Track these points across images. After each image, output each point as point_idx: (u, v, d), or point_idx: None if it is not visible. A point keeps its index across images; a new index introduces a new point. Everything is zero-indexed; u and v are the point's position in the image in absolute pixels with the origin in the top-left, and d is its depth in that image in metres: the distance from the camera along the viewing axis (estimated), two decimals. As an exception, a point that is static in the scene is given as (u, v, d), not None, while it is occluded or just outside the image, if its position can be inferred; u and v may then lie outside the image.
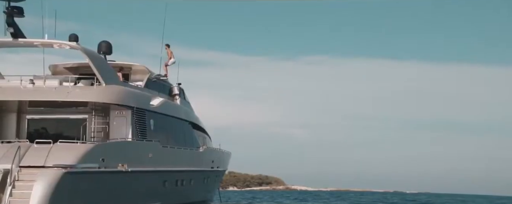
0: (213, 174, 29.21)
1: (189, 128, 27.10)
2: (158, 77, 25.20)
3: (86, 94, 19.92)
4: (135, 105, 21.25)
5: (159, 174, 22.17)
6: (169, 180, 23.15)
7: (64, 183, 16.50)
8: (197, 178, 26.40)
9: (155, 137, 22.31)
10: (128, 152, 20.16)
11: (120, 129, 20.76)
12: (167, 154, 23.05)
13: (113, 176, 19.01)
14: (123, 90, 21.12)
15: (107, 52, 22.74)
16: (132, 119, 20.95)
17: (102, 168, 18.40)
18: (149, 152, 21.56)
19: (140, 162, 20.60)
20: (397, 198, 58.67)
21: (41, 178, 16.31)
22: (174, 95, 26.89)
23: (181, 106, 26.91)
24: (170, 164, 23.05)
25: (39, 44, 20.50)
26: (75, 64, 22.85)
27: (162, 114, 23.60)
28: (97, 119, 20.66)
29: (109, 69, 21.55)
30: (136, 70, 24.40)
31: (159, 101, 23.75)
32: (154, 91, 24.30)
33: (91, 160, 17.84)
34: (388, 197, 62.37)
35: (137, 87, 23.15)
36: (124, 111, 20.86)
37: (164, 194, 22.75)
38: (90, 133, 20.55)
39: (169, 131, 24.28)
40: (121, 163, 19.31)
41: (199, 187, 26.99)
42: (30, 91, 19.71)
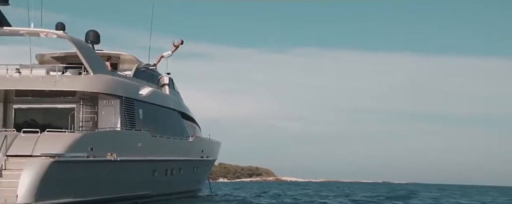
0: (203, 164, 29.20)
1: (179, 117, 27.03)
2: (146, 67, 25.05)
3: (74, 83, 19.76)
4: (124, 94, 21.14)
5: (148, 163, 22.11)
6: (158, 170, 23.12)
7: (52, 172, 16.41)
8: (187, 167, 26.38)
9: (144, 127, 22.23)
10: (117, 141, 20.07)
11: (108, 119, 20.65)
12: (156, 143, 22.99)
13: (102, 165, 18.94)
14: (111, 80, 20.98)
15: (95, 41, 22.54)
16: (120, 108, 20.85)
17: (91, 157, 18.32)
18: (138, 141, 21.49)
19: (129, 152, 20.52)
20: (383, 188, 59.30)
21: (29, 167, 16.20)
22: (163, 85, 26.77)
23: (171, 96, 26.80)
24: (159, 154, 23.00)
25: (25, 33, 20.27)
26: (62, 53, 22.63)
27: (151, 104, 23.51)
28: (85, 109, 20.52)
29: (97, 58, 21.39)
30: (124, 59, 24.23)
31: (148, 90, 23.63)
32: (143, 81, 24.18)
33: (80, 149, 17.74)
34: (369, 187, 62.96)
35: (126, 76, 23.00)
36: (113, 101, 20.74)
37: (154, 183, 22.72)
38: (78, 122, 20.41)
39: (158, 121, 24.20)
40: (110, 153, 19.23)
41: (189, 176, 26.98)
42: (17, 80, 19.52)
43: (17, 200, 15.86)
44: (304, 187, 60.78)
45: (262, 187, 58.49)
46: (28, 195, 15.94)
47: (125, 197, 20.48)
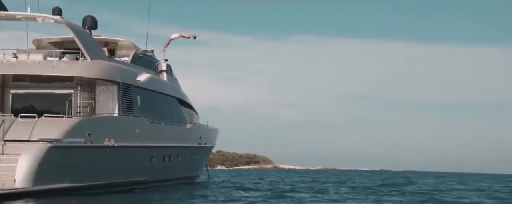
0: (201, 150, 29.25)
1: (176, 104, 27.02)
2: (144, 53, 24.96)
3: (71, 68, 19.70)
4: (121, 80, 21.10)
5: (146, 149, 22.15)
6: (156, 156, 23.17)
7: (49, 157, 16.43)
8: (185, 154, 26.44)
9: (141, 113, 22.23)
10: (114, 127, 20.08)
11: (106, 104, 20.63)
12: (154, 129, 23.01)
13: (100, 151, 18.97)
14: (108, 65, 20.92)
15: (92, 27, 22.42)
16: (118, 94, 20.82)
17: (88, 143, 18.34)
18: (136, 127, 21.50)
19: (127, 138, 20.55)
20: (378, 176, 59.53)
21: (27, 152, 16.22)
22: (161, 71, 26.71)
23: (168, 82, 26.77)
24: (157, 140, 23.03)
25: (22, 17, 20.14)
26: (60, 38, 22.53)
27: (149, 90, 23.47)
28: (83, 94, 20.49)
29: (94, 43, 21.30)
30: (121, 45, 24.13)
31: (146, 77, 23.59)
32: (140, 67, 24.11)
33: (77, 134, 17.76)
34: (367, 175, 63.24)
35: (123, 62, 22.94)
36: (110, 86, 20.70)
37: (151, 169, 22.78)
38: (75, 108, 20.38)
39: (156, 107, 24.19)
40: (107, 138, 19.27)
41: (187, 163, 27.05)
42: (14, 65, 19.45)
43: (15, 185, 15.91)
44: (301, 174, 61.05)
45: (259, 174, 58.74)
46: (26, 179, 15.99)
47: (123, 183, 20.56)
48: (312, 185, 30.18)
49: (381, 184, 32.43)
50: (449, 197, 21.24)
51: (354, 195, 21.12)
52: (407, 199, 19.00)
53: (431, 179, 46.39)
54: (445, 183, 37.97)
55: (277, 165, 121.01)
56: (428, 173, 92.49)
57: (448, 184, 36.48)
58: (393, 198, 19.81)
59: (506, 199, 21.13)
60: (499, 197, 22.32)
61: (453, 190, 27.04)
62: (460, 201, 19.56)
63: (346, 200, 18.12)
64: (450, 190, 27.00)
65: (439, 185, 34.79)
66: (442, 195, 22.45)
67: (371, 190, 24.64)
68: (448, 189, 28.04)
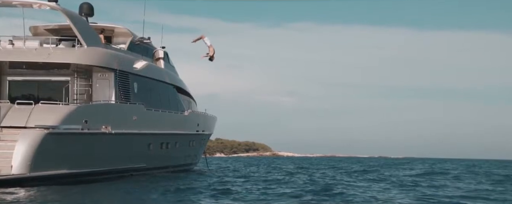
0: (198, 138, 29.30)
1: (174, 91, 27.01)
2: (141, 40, 24.88)
3: (68, 55, 19.66)
4: (118, 67, 21.07)
5: (143, 137, 22.20)
6: (153, 143, 23.22)
7: (46, 144, 16.47)
8: (182, 141, 26.49)
9: (139, 100, 22.23)
10: (111, 114, 20.10)
11: (103, 92, 20.63)
12: (151, 117, 23.04)
13: (97, 138, 19.01)
14: (105, 52, 20.88)
15: (89, 14, 22.34)
16: (115, 81, 20.81)
17: (85, 130, 18.38)
18: (133, 114, 21.54)
19: (124, 125, 20.59)
20: (376, 162, 59.82)
21: (23, 138, 16.25)
22: (158, 58, 26.66)
23: (165, 70, 26.72)
24: (154, 127, 23.07)
25: (18, 4, 20.04)
26: (56, 25, 22.44)
27: (146, 77, 23.45)
28: (80, 81, 20.47)
29: (91, 31, 21.24)
30: (118, 32, 24.05)
31: (143, 64, 23.54)
32: (137, 54, 24.06)
33: (74, 121, 17.79)
34: (365, 162, 63.57)
35: (120, 49, 22.89)
36: (107, 74, 20.68)
37: (149, 157, 22.85)
38: (72, 95, 20.39)
39: (153, 94, 24.19)
40: (104, 125, 19.30)
41: (184, 150, 27.12)
42: (10, 51, 19.40)
43: (11, 171, 15.98)
44: (300, 161, 61.27)
45: (258, 161, 58.98)
46: (23, 166, 16.05)
47: (120, 170, 20.64)
48: (304, 170, 30.34)
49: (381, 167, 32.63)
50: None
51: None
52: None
53: (428, 164, 46.56)
54: (441, 168, 38.20)
55: (276, 152, 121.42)
56: (427, 159, 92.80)
57: (444, 168, 36.69)
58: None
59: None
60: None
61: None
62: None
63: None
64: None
65: (434, 167, 35.03)
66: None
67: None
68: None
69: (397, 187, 17.69)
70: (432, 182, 21.11)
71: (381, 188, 17.18)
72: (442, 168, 40.64)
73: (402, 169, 36.26)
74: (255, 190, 15.47)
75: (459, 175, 27.42)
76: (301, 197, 13.43)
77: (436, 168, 39.27)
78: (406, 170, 35.69)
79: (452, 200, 13.57)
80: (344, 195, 13.83)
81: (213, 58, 25.39)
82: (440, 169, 37.06)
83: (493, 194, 15.80)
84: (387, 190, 16.24)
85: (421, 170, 34.87)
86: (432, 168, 40.75)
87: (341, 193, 14.27)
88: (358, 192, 14.73)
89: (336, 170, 31.49)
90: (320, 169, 35.07)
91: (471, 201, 13.64)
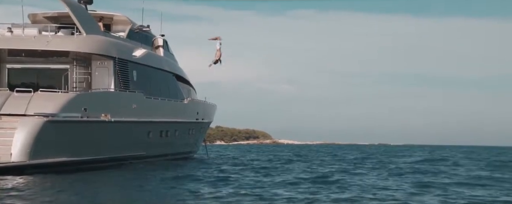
0: (198, 126, 29.39)
1: (173, 79, 27.03)
2: (140, 28, 24.85)
3: (67, 43, 19.66)
4: (117, 55, 21.08)
5: (143, 125, 22.27)
6: (153, 131, 23.31)
7: (45, 132, 16.55)
8: (182, 129, 26.57)
9: (138, 88, 22.27)
10: (111, 102, 20.16)
11: (102, 80, 20.67)
12: (151, 105, 23.09)
13: (96, 125, 19.09)
14: (104, 40, 20.87)
15: (88, 2, 22.28)
16: (114, 69, 20.84)
17: (85, 118, 18.45)
18: (133, 102, 21.59)
19: (123, 113, 20.65)
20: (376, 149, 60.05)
21: (22, 126, 16.33)
22: (157, 46, 26.64)
23: (165, 58, 26.72)
24: (154, 115, 23.14)
25: (17, -8, 20.03)
26: (55, 13, 22.40)
27: (145, 65, 23.47)
28: (79, 69, 20.50)
29: (90, 18, 21.21)
30: (117, 20, 24.02)
31: (142, 52, 23.54)
32: (136, 42, 24.05)
33: (73, 109, 17.85)
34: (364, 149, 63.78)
35: (119, 37, 22.88)
36: (106, 62, 20.70)
37: (148, 144, 22.95)
38: (71, 83, 20.43)
39: (153, 83, 24.22)
40: (104, 113, 19.37)
41: (184, 138, 27.22)
42: (9, 39, 19.40)
43: (11, 159, 16.08)
44: (299, 149, 61.48)
45: (258, 149, 59.18)
46: (22, 153, 16.14)
47: (119, 158, 20.75)
48: (298, 158, 30.48)
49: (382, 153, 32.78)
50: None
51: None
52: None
53: (427, 152, 46.72)
54: (438, 155, 38.37)
55: (276, 140, 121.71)
56: (425, 146, 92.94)
57: (441, 155, 36.88)
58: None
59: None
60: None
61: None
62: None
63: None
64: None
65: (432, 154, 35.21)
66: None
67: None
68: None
69: (394, 175, 17.81)
70: (430, 168, 21.24)
71: (379, 176, 17.29)
72: (440, 154, 40.86)
73: (402, 156, 36.47)
74: (253, 178, 15.58)
75: (458, 161, 27.58)
76: (298, 185, 13.54)
77: (436, 155, 39.44)
78: (406, 157, 35.89)
79: (450, 186, 13.66)
80: (341, 183, 13.94)
81: (220, 61, 25.10)
82: (439, 156, 37.28)
83: (484, 180, 15.91)
84: (383, 177, 16.34)
85: (421, 157, 35.10)
86: (432, 155, 40.99)
87: (338, 181, 14.37)
88: (354, 179, 14.84)
89: (335, 158, 31.66)
90: (319, 156, 35.26)
91: (467, 188, 13.74)
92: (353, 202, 10.72)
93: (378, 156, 36.19)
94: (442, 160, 29.75)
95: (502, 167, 23.28)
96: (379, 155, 38.25)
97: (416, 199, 11.29)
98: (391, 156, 37.54)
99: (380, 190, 12.65)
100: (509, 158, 36.71)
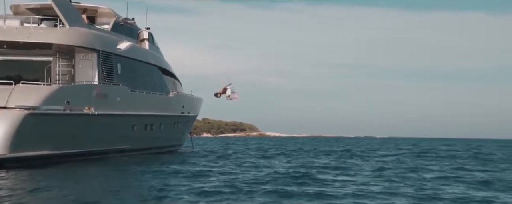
0: (184, 120, 29.30)
1: (158, 73, 26.88)
2: (125, 21, 24.62)
3: (49, 35, 19.41)
4: (101, 48, 20.88)
5: (127, 118, 22.15)
6: (137, 125, 23.19)
7: (26, 125, 16.37)
8: (167, 123, 26.48)
9: (122, 81, 22.11)
10: (94, 95, 19.99)
11: (85, 72, 20.48)
12: (135, 98, 22.96)
13: (79, 119, 18.93)
14: (87, 33, 20.65)
15: (72, -7, 21.99)
16: (98, 62, 20.65)
17: (67, 111, 18.29)
18: (117, 96, 21.44)
19: (107, 106, 20.51)
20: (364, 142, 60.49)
21: (3, 118, 16.13)
22: (143, 39, 26.44)
23: (150, 51, 26.54)
24: (138, 109, 23.01)
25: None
26: (38, 5, 22.09)
27: (130, 58, 23.29)
28: (62, 62, 20.26)
29: (73, 10, 20.95)
30: (102, 13, 23.77)
31: (127, 45, 23.35)
32: (121, 35, 23.84)
33: (55, 102, 17.67)
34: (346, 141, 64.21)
35: (103, 30, 22.65)
36: (90, 54, 20.51)
37: (133, 138, 22.84)
38: (54, 75, 20.19)
39: (138, 76, 24.06)
40: (87, 106, 19.21)
41: (169, 132, 27.14)
42: None
43: (-9, 151, 15.89)
44: (286, 141, 61.64)
45: (244, 141, 59.18)
46: (3, 146, 15.96)
47: (104, 151, 20.63)
48: (279, 150, 30.59)
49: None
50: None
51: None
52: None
53: (411, 144, 47.22)
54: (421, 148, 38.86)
55: (263, 132, 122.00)
56: (409, 139, 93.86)
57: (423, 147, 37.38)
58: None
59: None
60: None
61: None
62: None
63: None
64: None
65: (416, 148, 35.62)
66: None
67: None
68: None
69: (376, 170, 17.92)
70: (412, 163, 21.46)
71: (359, 171, 17.37)
72: (423, 148, 41.31)
73: (386, 149, 36.75)
74: (229, 173, 15.53)
75: (439, 157, 27.89)
76: (272, 182, 13.49)
77: (419, 149, 39.84)
78: (384, 149, 36.21)
79: (427, 183, 13.77)
80: (316, 180, 13.98)
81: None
82: (421, 149, 37.69)
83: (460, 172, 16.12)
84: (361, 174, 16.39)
85: (406, 151, 35.42)
86: (417, 147, 41.37)
87: (314, 178, 14.39)
88: (329, 178, 14.85)
89: (317, 153, 31.82)
90: (302, 149, 35.41)
91: (440, 180, 13.90)
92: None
93: (362, 150, 36.46)
94: (424, 154, 30.08)
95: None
96: (363, 148, 38.52)
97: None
98: (373, 150, 37.79)
99: (360, 185, 12.72)
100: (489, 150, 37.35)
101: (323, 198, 10.61)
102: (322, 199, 10.42)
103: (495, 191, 12.33)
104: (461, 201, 10.61)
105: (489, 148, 46.15)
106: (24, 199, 9.87)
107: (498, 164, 22.89)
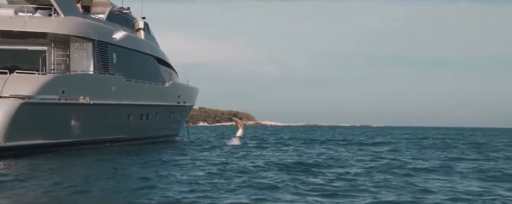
0: (179, 109, 29.36)
1: (154, 62, 26.88)
2: (120, 10, 24.58)
3: (44, 24, 19.39)
4: (96, 37, 20.87)
5: (122, 107, 22.20)
6: (133, 114, 23.25)
7: (21, 114, 16.43)
8: (163, 112, 26.54)
9: (118, 71, 22.13)
10: (90, 85, 20.03)
11: (81, 62, 20.49)
12: (131, 88, 22.99)
13: (74, 108, 18.98)
14: (82, 22, 20.62)
15: (67, -18, 21.89)
16: (93, 51, 20.65)
17: (62, 100, 18.33)
18: (112, 85, 21.47)
19: (103, 96, 20.55)
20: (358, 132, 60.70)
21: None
22: (138, 29, 26.40)
23: (146, 41, 26.52)
24: (134, 98, 23.05)
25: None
26: (33, -6, 22.01)
27: (126, 48, 23.29)
28: (57, 51, 20.26)
29: (68, 0, 20.89)
30: (97, 2, 23.71)
31: (122, 34, 23.33)
32: (116, 24, 23.80)
33: (50, 91, 17.70)
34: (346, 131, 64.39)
35: (99, 19, 22.62)
36: (85, 44, 20.50)
37: (129, 128, 22.91)
38: (49, 65, 20.21)
39: (133, 65, 24.07)
40: (82, 96, 19.25)
41: (165, 121, 27.21)
42: None
43: (-14, 141, 15.95)
44: (281, 130, 61.76)
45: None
46: (-3, 135, 16.02)
47: (99, 140, 20.71)
48: (272, 138, 30.70)
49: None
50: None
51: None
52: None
53: (406, 133, 47.45)
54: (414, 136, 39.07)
55: (259, 121, 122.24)
56: (403, 128, 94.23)
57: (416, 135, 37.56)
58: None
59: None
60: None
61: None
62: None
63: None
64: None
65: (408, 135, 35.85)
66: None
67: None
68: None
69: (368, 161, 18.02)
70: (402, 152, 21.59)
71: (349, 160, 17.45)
72: (416, 136, 41.44)
73: (381, 136, 36.83)
74: (219, 163, 15.56)
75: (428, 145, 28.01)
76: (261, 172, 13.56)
77: (414, 137, 40.03)
78: (378, 137, 36.39)
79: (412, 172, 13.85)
80: (310, 172, 14.04)
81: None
82: (415, 138, 37.81)
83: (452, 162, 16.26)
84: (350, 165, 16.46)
85: (399, 139, 35.58)
86: (411, 135, 41.50)
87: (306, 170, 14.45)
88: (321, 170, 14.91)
89: (313, 142, 31.93)
90: (297, 137, 35.53)
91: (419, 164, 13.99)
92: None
93: (355, 139, 36.60)
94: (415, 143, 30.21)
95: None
96: (356, 137, 38.67)
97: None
98: (368, 140, 37.94)
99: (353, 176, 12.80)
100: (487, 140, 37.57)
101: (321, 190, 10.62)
102: (321, 192, 10.39)
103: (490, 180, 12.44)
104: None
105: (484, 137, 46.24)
106: (17, 187, 9.96)
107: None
